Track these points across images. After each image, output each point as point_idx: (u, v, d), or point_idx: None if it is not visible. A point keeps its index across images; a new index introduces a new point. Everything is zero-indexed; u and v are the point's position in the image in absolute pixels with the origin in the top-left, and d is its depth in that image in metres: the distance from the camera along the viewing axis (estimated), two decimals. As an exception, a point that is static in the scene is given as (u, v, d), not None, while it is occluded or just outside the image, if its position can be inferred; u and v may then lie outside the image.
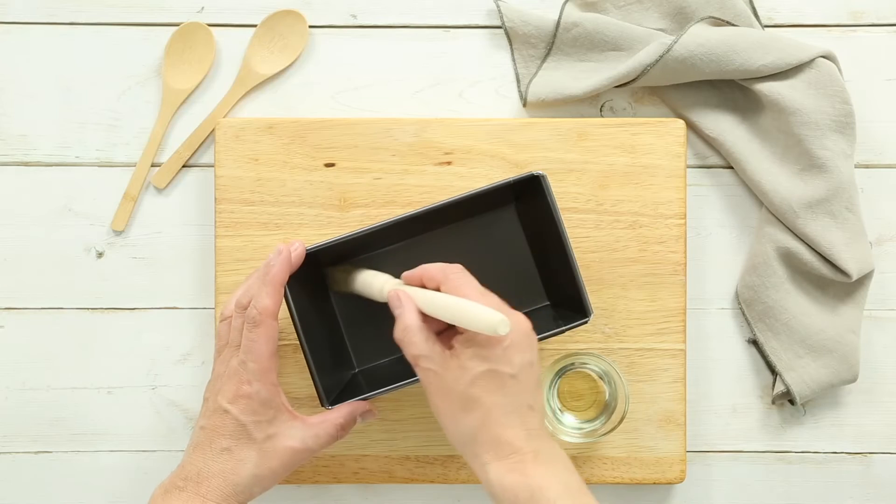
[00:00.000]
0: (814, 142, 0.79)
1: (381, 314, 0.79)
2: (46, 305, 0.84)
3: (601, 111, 0.85)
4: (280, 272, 0.69)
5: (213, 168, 0.83)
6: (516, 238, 0.78)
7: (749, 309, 0.83)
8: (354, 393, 0.72)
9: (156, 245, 0.84)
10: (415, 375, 0.71)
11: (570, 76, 0.83)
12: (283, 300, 0.71)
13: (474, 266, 0.78)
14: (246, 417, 0.68)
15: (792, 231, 0.81)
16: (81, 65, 0.84)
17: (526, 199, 0.76)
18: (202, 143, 0.84)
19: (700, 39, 0.79)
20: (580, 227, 0.80)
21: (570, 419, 0.80)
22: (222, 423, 0.68)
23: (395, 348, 0.78)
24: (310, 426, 0.69)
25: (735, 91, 0.84)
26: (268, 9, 0.84)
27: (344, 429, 0.70)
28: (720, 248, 0.85)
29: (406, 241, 0.78)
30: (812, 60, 0.80)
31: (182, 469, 0.69)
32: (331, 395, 0.71)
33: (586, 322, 0.72)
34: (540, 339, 0.71)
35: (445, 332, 0.70)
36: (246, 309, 0.69)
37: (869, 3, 0.85)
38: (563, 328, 0.72)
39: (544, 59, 0.84)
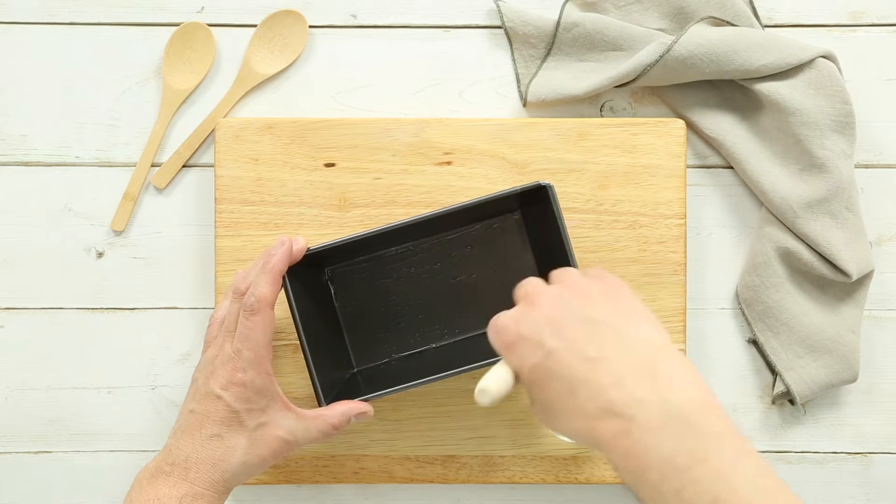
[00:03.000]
0: (814, 142, 0.79)
1: (381, 314, 0.79)
2: (46, 305, 0.84)
3: (601, 111, 0.85)
4: (280, 261, 0.68)
5: (213, 168, 0.83)
6: (520, 245, 0.78)
7: (749, 309, 0.83)
8: (352, 393, 0.72)
9: (156, 245, 0.84)
10: (415, 378, 0.71)
11: (570, 76, 0.83)
12: (287, 299, 0.71)
13: (477, 271, 0.78)
14: (239, 405, 0.67)
15: (792, 231, 0.81)
16: (81, 65, 0.84)
17: (531, 207, 0.76)
18: (202, 143, 0.84)
19: (700, 39, 0.79)
20: (580, 227, 0.80)
21: None
22: (214, 408, 0.67)
23: (395, 349, 0.79)
24: (302, 419, 0.69)
25: (735, 91, 0.84)
26: (268, 9, 0.84)
27: (337, 428, 0.70)
28: (720, 248, 0.85)
29: (410, 244, 0.78)
30: (812, 60, 0.80)
31: (168, 453, 0.67)
32: (328, 394, 0.71)
33: None
34: None
35: None
36: (243, 295, 0.69)
37: (869, 3, 0.85)
38: None
39: (544, 59, 0.84)
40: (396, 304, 0.78)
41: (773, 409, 0.84)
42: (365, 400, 0.71)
